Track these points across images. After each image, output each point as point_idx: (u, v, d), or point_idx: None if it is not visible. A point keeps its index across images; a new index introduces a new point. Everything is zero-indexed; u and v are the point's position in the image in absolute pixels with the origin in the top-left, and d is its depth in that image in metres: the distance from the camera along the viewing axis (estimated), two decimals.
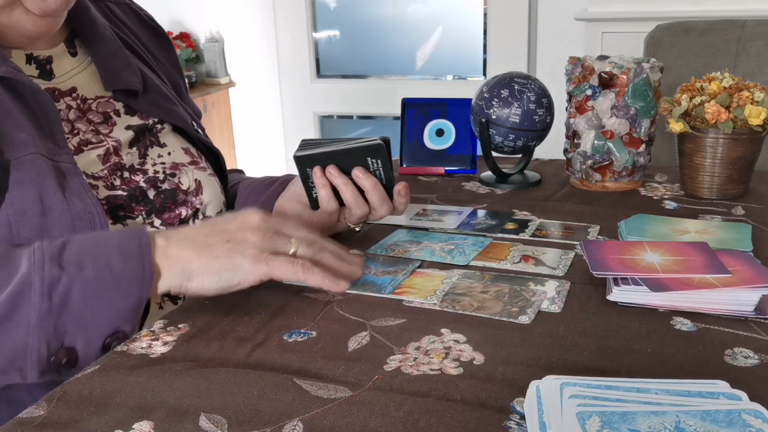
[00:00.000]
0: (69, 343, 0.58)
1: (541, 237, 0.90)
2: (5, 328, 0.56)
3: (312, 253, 0.70)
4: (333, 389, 0.57)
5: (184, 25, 3.10)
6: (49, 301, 0.57)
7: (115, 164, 0.81)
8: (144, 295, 0.62)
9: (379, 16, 3.00)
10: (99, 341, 0.60)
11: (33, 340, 0.57)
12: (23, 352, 0.57)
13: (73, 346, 0.59)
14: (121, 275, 0.61)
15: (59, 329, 0.57)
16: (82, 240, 0.63)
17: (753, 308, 0.67)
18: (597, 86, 1.06)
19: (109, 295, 0.60)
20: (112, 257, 0.61)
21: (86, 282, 0.59)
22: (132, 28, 0.95)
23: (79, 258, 0.61)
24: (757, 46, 1.80)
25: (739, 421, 0.47)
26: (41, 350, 0.57)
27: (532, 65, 2.75)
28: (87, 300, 0.59)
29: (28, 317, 0.56)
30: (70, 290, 0.58)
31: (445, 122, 1.21)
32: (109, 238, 0.64)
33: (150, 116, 0.88)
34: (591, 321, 0.67)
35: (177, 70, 1.02)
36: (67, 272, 0.59)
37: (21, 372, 0.57)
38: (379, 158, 0.83)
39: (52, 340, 0.57)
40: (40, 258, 0.59)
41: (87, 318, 0.59)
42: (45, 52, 0.81)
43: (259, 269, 0.66)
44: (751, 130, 0.99)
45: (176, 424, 0.53)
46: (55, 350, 0.58)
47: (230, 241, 0.67)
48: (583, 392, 0.50)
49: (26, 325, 0.56)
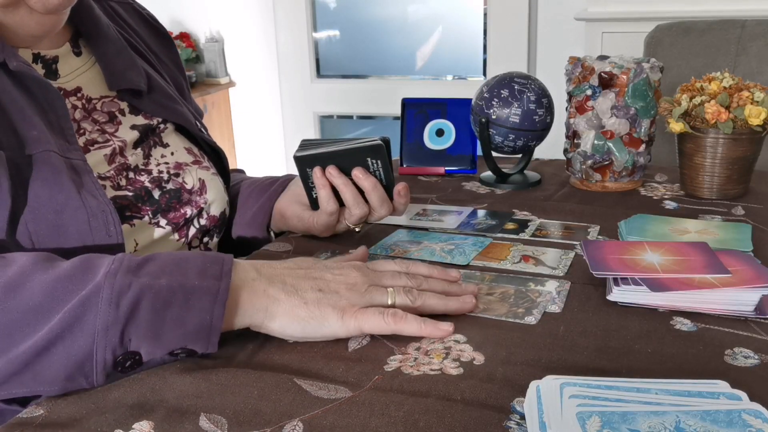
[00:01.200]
0: (134, 348, 0.58)
1: (541, 237, 0.90)
2: (72, 335, 0.56)
3: (411, 301, 0.67)
4: (333, 389, 0.57)
5: (184, 25, 3.10)
6: (117, 309, 0.56)
7: (121, 164, 0.81)
8: (215, 316, 0.59)
9: (379, 16, 3.00)
10: (164, 352, 0.59)
11: (99, 347, 0.56)
12: (90, 359, 0.56)
13: (138, 351, 0.58)
14: (193, 290, 0.59)
15: (125, 337, 0.57)
16: (166, 257, 0.62)
17: (753, 308, 0.67)
18: (597, 86, 1.06)
19: (177, 309, 0.58)
20: (189, 274, 0.60)
21: (157, 292, 0.57)
22: (135, 28, 0.95)
23: (157, 272, 0.59)
24: (757, 46, 1.80)
25: (739, 421, 0.47)
26: (106, 357, 0.56)
27: (532, 65, 2.75)
28: (155, 311, 0.57)
29: (94, 325, 0.56)
30: (140, 300, 0.57)
31: (445, 122, 1.21)
32: (193, 259, 0.62)
33: (154, 116, 0.88)
34: (591, 321, 0.67)
35: (179, 70, 1.02)
36: (140, 282, 0.57)
37: (87, 378, 0.57)
38: (378, 158, 0.83)
39: (117, 348, 0.57)
40: (117, 267, 0.58)
41: (153, 330, 0.57)
42: (51, 52, 0.81)
43: (349, 324, 0.63)
44: (751, 130, 0.99)
45: (176, 424, 0.53)
46: (120, 355, 0.57)
47: (322, 291, 0.64)
48: (583, 392, 0.50)
49: (92, 333, 0.56)
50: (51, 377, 0.56)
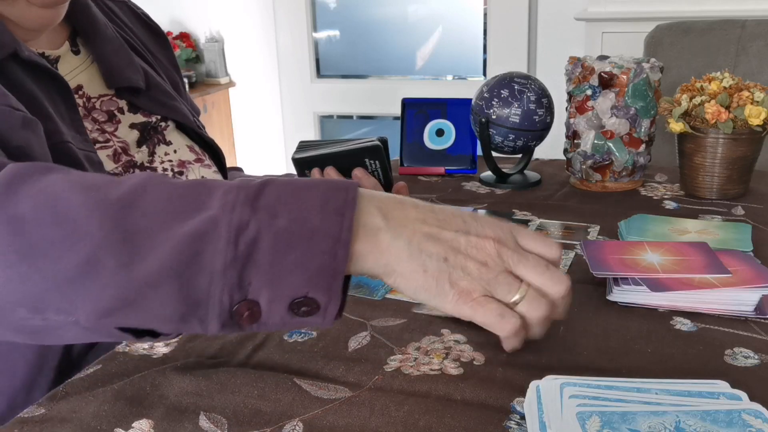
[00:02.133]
0: (253, 296, 0.51)
1: None
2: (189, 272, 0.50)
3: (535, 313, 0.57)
4: (333, 389, 0.57)
5: (184, 25, 3.10)
6: (235, 248, 0.50)
7: (128, 162, 0.81)
8: (339, 260, 0.52)
9: (379, 16, 3.00)
10: (285, 301, 0.52)
11: (216, 288, 0.50)
12: (206, 301, 0.51)
13: (257, 300, 0.52)
14: (314, 231, 0.52)
15: (243, 280, 0.51)
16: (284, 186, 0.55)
17: (753, 308, 0.67)
18: (597, 86, 1.06)
19: (298, 251, 0.51)
20: (311, 210, 0.53)
21: (276, 233, 0.51)
22: (131, 27, 0.95)
23: (275, 205, 0.53)
24: (757, 46, 1.80)
25: (739, 421, 0.47)
26: (224, 300, 0.51)
27: (532, 65, 2.75)
28: (275, 253, 0.51)
29: (212, 263, 0.50)
30: (259, 239, 0.51)
31: (445, 122, 1.21)
32: (314, 188, 0.54)
33: (153, 113, 0.88)
34: (591, 321, 0.67)
35: (175, 68, 1.02)
36: (258, 218, 0.51)
37: (201, 322, 0.51)
38: (377, 159, 0.83)
39: (236, 291, 0.51)
40: (234, 199, 0.52)
41: (274, 272, 0.51)
42: (55, 52, 0.81)
43: (462, 309, 0.56)
44: (751, 130, 0.99)
45: (176, 424, 0.53)
46: (238, 301, 0.51)
47: (448, 261, 0.56)
48: (583, 392, 0.50)
49: (210, 272, 0.50)
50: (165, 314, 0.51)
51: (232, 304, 0.51)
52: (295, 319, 0.52)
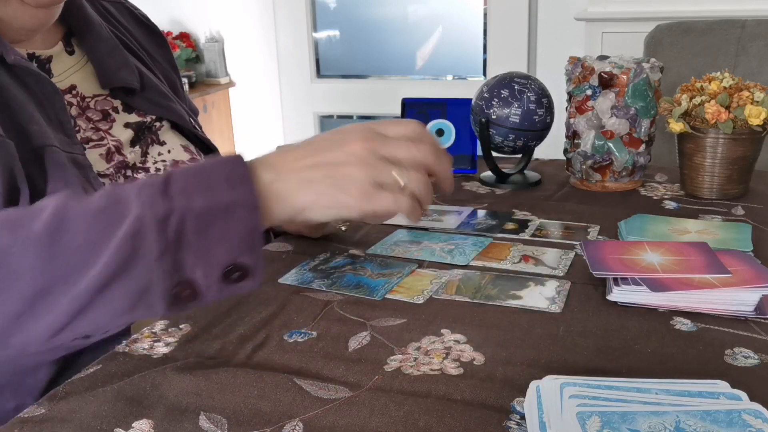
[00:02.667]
0: (189, 274, 0.57)
1: (541, 237, 0.90)
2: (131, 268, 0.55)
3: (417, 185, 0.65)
4: (333, 389, 0.57)
5: (184, 25, 3.10)
6: (165, 237, 0.56)
7: (120, 162, 0.81)
8: (255, 222, 0.59)
9: (379, 16, 3.00)
10: (217, 272, 0.58)
11: (156, 276, 0.56)
12: (148, 289, 0.56)
13: (194, 278, 0.57)
14: (228, 203, 0.58)
15: (178, 262, 0.56)
16: (186, 171, 0.60)
17: (753, 308, 0.67)
18: (597, 86, 1.06)
19: (219, 224, 0.58)
20: (217, 185, 0.59)
21: (198, 214, 0.57)
22: (128, 27, 0.95)
23: (186, 188, 0.58)
24: (757, 46, 1.80)
25: (739, 421, 0.47)
26: (165, 284, 0.56)
27: (532, 65, 2.75)
28: (200, 231, 0.57)
29: (149, 254, 0.55)
30: (183, 223, 0.57)
31: (445, 122, 1.21)
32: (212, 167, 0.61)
33: (148, 114, 0.88)
34: (591, 321, 0.67)
35: (173, 68, 1.02)
36: (176, 204, 0.57)
37: (149, 308, 0.57)
38: None
39: (174, 273, 0.56)
40: (148, 194, 0.57)
41: (202, 248, 0.57)
42: (46, 52, 0.81)
43: (365, 207, 0.62)
44: (751, 130, 0.99)
45: (176, 424, 0.53)
46: (177, 282, 0.57)
47: (332, 177, 0.63)
48: (583, 392, 0.50)
49: (147, 265, 0.56)
50: (116, 311, 0.56)
51: (173, 285, 0.56)
52: (231, 286, 0.58)
